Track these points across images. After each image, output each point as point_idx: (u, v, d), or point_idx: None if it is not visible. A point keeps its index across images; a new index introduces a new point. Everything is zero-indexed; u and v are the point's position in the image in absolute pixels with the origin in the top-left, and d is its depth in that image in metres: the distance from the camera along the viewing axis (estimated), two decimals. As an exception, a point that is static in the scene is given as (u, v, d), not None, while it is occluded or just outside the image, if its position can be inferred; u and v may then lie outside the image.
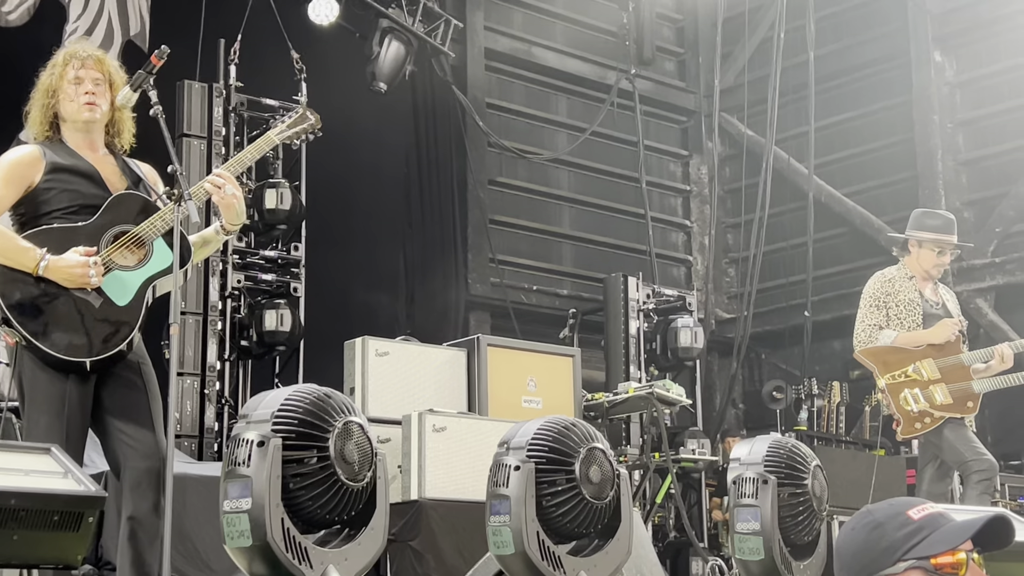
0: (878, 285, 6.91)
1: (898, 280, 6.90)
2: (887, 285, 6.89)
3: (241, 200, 4.52)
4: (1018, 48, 11.78)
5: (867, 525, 2.22)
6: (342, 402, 3.70)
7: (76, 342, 4.20)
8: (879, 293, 6.88)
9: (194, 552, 6.08)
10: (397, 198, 11.35)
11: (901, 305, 6.82)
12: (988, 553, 2.24)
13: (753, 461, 4.67)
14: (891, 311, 6.83)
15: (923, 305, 6.83)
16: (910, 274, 6.92)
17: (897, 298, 6.83)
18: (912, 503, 2.23)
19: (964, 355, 6.77)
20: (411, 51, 10.56)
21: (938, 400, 6.69)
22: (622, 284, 10.76)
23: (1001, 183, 11.76)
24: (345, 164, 9.98)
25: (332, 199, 9.92)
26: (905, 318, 6.79)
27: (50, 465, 3.55)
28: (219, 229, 4.57)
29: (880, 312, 6.84)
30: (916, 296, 6.84)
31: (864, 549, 2.20)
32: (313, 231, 9.50)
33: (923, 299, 6.86)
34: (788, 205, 12.64)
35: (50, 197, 4.33)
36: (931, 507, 2.22)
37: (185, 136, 8.83)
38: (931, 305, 6.86)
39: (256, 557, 3.50)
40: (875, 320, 6.84)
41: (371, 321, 9.49)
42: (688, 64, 14.26)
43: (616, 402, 8.86)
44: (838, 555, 2.27)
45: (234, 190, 4.45)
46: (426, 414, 6.83)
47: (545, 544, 4.05)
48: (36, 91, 4.48)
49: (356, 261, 10.35)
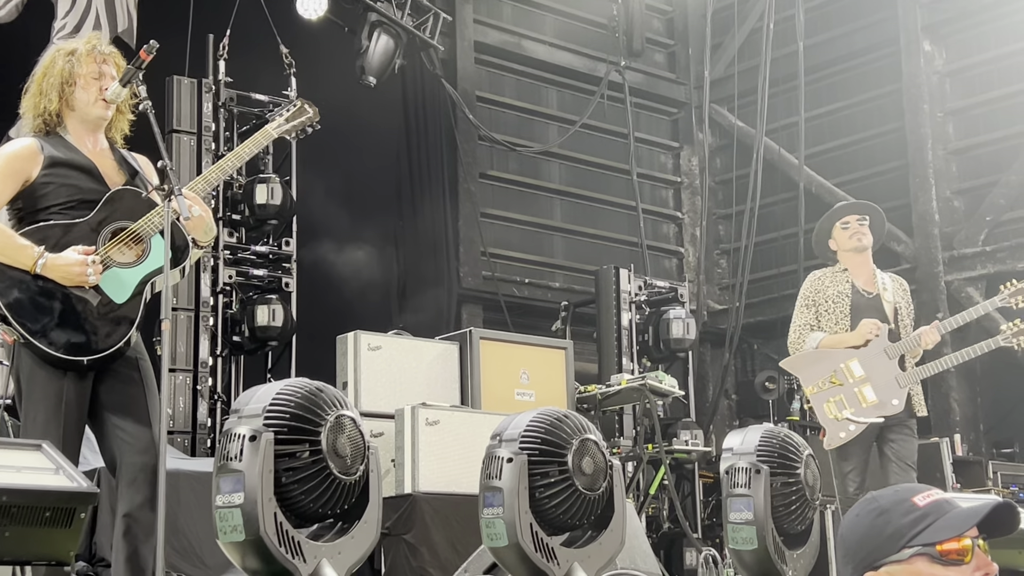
0: (808, 284, 6.76)
1: (829, 275, 6.73)
2: (816, 282, 6.72)
3: (209, 218, 4.50)
4: (1007, 36, 11.80)
5: (872, 512, 2.21)
6: (334, 396, 3.69)
7: (75, 340, 4.19)
8: (809, 291, 6.72)
9: (188, 548, 6.09)
10: (388, 192, 11.34)
11: (829, 300, 6.62)
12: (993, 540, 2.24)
13: (746, 451, 4.67)
14: (820, 307, 6.64)
15: (852, 296, 6.60)
16: (843, 267, 6.73)
17: (826, 293, 6.65)
18: (917, 489, 2.22)
19: (888, 348, 6.48)
20: (400, 45, 10.54)
21: (864, 402, 6.43)
22: (614, 276, 10.76)
23: (991, 171, 11.78)
24: (335, 158, 9.97)
25: (323, 194, 9.91)
26: (833, 311, 6.59)
27: (41, 462, 3.55)
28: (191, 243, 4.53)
29: (810, 311, 6.67)
30: (846, 288, 6.63)
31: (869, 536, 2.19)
32: (304, 226, 9.49)
33: (854, 290, 6.63)
34: (779, 195, 12.65)
35: (48, 192, 4.31)
36: (937, 494, 2.21)
37: (175, 132, 8.81)
38: (862, 296, 6.62)
39: (249, 552, 3.50)
40: (805, 320, 6.68)
41: (363, 315, 9.50)
42: (678, 56, 14.27)
43: (609, 394, 8.87)
44: (843, 542, 2.25)
45: (200, 211, 4.42)
46: (419, 408, 6.84)
47: (538, 536, 4.05)
48: (48, 77, 4.41)
49: (347, 255, 10.34)
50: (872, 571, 2.16)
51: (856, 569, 2.20)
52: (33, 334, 4.15)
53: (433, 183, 11.41)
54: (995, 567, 2.15)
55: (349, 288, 10.25)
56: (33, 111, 4.45)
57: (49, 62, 4.46)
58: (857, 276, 6.70)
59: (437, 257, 11.39)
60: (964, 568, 2.12)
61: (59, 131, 4.43)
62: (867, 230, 6.72)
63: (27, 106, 4.48)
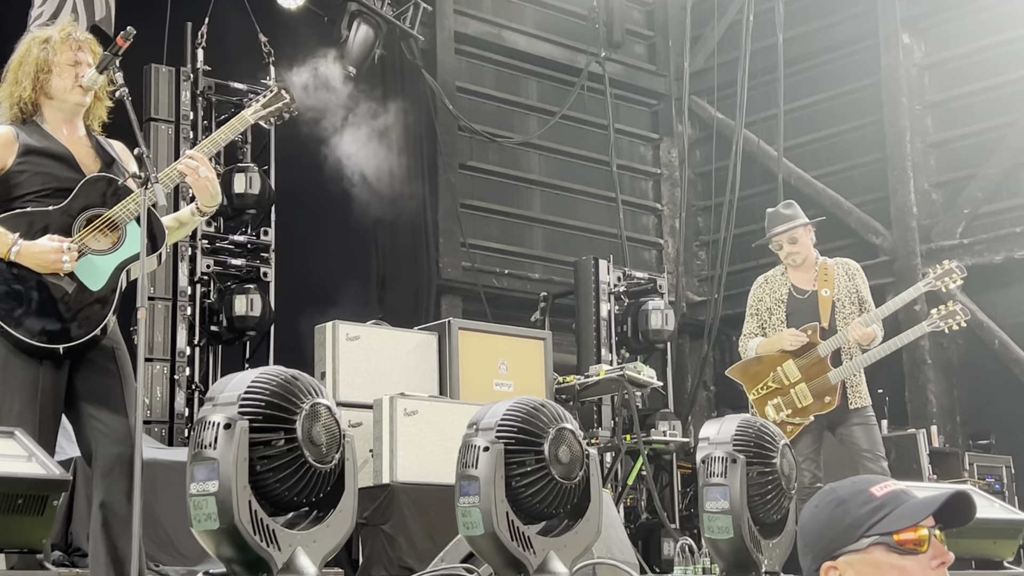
0: (752, 292, 6.94)
1: (770, 280, 6.88)
2: (758, 290, 6.90)
3: (215, 181, 4.49)
4: (986, 29, 11.84)
5: (831, 503, 2.23)
6: (309, 384, 3.68)
7: (50, 328, 4.16)
8: (752, 300, 6.91)
9: (165, 538, 6.07)
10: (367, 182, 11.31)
11: (768, 310, 6.80)
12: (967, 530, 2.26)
13: (722, 440, 4.69)
14: (762, 316, 6.82)
15: (788, 302, 6.74)
16: (784, 269, 6.88)
17: (765, 303, 6.81)
18: (874, 480, 2.25)
19: (820, 346, 6.60)
20: (380, 35, 10.53)
21: (800, 403, 6.60)
22: (593, 267, 10.78)
23: (969, 164, 11.83)
24: (314, 148, 9.94)
25: (301, 183, 9.89)
26: (771, 320, 6.77)
27: (14, 449, 3.53)
28: (194, 211, 4.54)
29: (754, 320, 6.86)
30: (783, 293, 6.78)
31: (828, 526, 2.21)
32: (283, 215, 9.46)
33: (791, 294, 6.77)
34: (758, 188, 12.68)
35: (22, 180, 4.27)
36: (893, 484, 2.24)
37: (153, 120, 8.78)
38: (798, 299, 6.75)
39: (223, 540, 3.48)
40: (749, 329, 6.87)
41: (342, 305, 9.48)
42: (658, 47, 14.28)
43: (587, 384, 8.88)
44: (802, 532, 2.28)
45: (207, 172, 4.41)
46: (397, 398, 6.83)
47: (515, 524, 4.05)
48: (23, 65, 4.38)
49: (326, 245, 10.32)
50: (831, 561, 2.19)
51: (815, 559, 2.22)
52: (7, 322, 4.12)
53: (413, 174, 11.40)
54: (951, 556, 2.18)
55: (328, 278, 10.23)
56: (8, 99, 4.41)
57: (24, 50, 4.43)
58: (795, 277, 6.84)
59: (416, 247, 11.38)
60: (921, 557, 2.15)
61: (35, 119, 4.39)
62: (799, 248, 6.81)
63: (2, 95, 4.44)
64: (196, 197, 4.50)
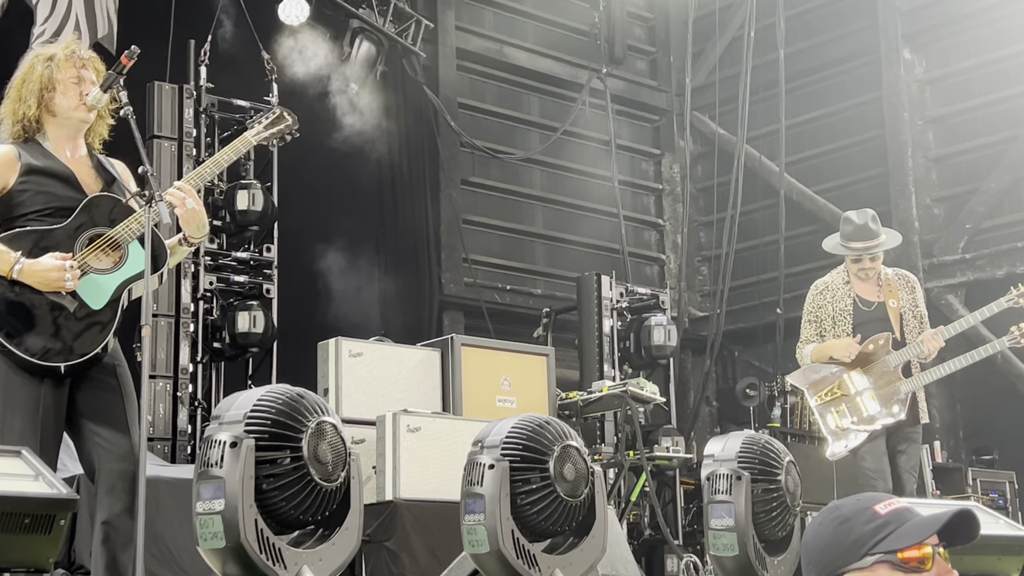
0: (810, 299, 6.79)
1: (831, 288, 6.73)
2: (818, 297, 6.74)
3: (202, 212, 4.48)
4: (987, 44, 11.86)
5: (834, 520, 2.24)
6: (315, 402, 3.68)
7: (51, 347, 4.16)
8: (811, 307, 6.76)
9: (168, 555, 6.06)
10: (370, 198, 11.33)
11: (831, 318, 6.66)
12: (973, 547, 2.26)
13: (726, 457, 4.68)
14: (824, 324, 6.68)
15: (855, 313, 6.61)
16: (847, 278, 6.73)
17: (827, 310, 6.67)
18: (878, 498, 2.25)
19: (891, 357, 6.50)
20: (382, 51, 10.55)
21: (866, 411, 6.47)
22: (595, 283, 10.77)
23: (971, 179, 11.84)
24: (317, 165, 9.95)
25: (304, 200, 9.89)
26: (835, 330, 6.63)
27: (21, 468, 3.53)
28: (182, 240, 4.53)
29: (812, 327, 6.72)
30: (848, 304, 6.64)
31: (832, 544, 2.22)
32: (285, 232, 9.47)
33: (856, 306, 6.64)
34: (760, 203, 12.69)
35: (24, 199, 4.28)
36: (897, 502, 2.24)
37: (156, 138, 8.78)
38: (864, 311, 6.62)
39: (230, 558, 3.49)
40: (806, 336, 6.74)
41: (344, 322, 9.48)
42: (659, 63, 14.30)
43: (590, 400, 8.87)
44: (806, 550, 2.29)
45: (194, 203, 4.40)
46: (400, 414, 6.82)
47: (520, 542, 4.05)
48: (27, 83, 4.38)
49: (329, 262, 10.32)
50: None
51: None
52: (9, 340, 4.12)
53: (414, 190, 11.40)
54: (955, 574, 2.18)
55: (330, 294, 10.23)
56: (12, 117, 4.42)
57: (28, 68, 4.43)
58: (860, 288, 6.70)
59: (419, 264, 11.38)
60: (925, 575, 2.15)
61: (38, 138, 4.40)
62: (877, 265, 6.68)
63: (5, 112, 4.44)
64: (183, 228, 4.48)
